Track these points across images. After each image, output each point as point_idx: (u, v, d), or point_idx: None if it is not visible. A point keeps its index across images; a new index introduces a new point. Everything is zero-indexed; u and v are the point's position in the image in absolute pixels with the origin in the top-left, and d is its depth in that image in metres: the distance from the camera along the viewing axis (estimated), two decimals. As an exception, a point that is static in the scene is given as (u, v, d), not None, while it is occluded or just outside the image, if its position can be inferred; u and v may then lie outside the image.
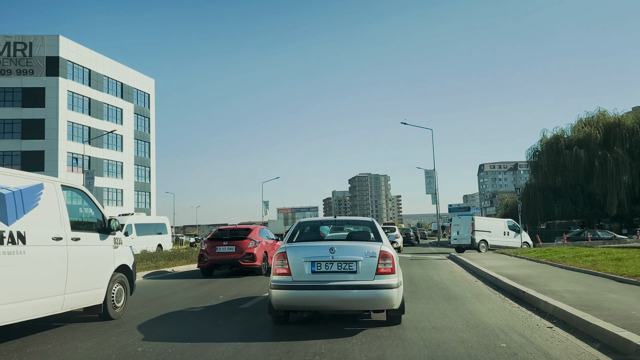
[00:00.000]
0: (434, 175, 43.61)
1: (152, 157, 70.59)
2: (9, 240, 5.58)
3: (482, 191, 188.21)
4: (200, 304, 9.12)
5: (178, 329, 6.85)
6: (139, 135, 68.20)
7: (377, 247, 6.45)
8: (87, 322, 7.36)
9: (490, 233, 27.54)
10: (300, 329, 6.67)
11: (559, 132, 42.54)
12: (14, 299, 5.59)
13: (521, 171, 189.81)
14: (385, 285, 6.21)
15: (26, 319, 5.93)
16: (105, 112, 62.57)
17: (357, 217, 8.77)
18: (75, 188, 7.27)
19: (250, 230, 15.65)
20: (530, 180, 45.10)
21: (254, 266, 14.59)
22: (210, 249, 14.87)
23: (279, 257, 6.49)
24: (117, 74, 64.71)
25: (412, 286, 10.93)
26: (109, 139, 62.68)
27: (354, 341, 5.81)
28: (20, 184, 6.06)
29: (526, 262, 15.83)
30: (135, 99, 68.09)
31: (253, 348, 5.57)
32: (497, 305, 8.40)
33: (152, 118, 71.34)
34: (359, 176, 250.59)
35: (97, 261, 7.29)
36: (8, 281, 5.52)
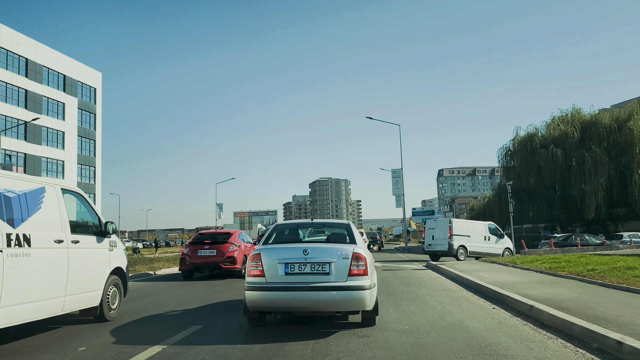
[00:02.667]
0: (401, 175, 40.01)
1: (98, 156, 64.91)
2: (15, 243, 5.63)
3: (441, 196, 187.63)
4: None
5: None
6: (84, 132, 62.53)
7: (350, 249, 6.44)
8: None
9: (470, 238, 24.08)
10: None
11: (532, 130, 39.74)
12: (19, 300, 5.65)
13: (479, 176, 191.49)
14: (358, 287, 6.21)
15: (29, 320, 5.97)
16: (45, 106, 56.68)
17: (334, 220, 8.97)
18: (74, 191, 7.31)
19: (231, 235, 16.02)
20: (502, 182, 42.00)
21: (234, 269, 14.98)
22: (192, 253, 15.17)
23: (253, 259, 6.50)
24: (59, 65, 59.01)
25: (406, 321, 7.19)
26: (48, 135, 56.79)
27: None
28: (24, 187, 6.15)
29: (542, 276, 12.14)
30: (80, 93, 62.46)
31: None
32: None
33: (98, 114, 65.70)
34: (320, 180, 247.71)
35: (95, 264, 7.35)
36: (15, 283, 5.55)
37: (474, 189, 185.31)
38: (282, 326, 6.98)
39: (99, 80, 66.52)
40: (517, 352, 5.20)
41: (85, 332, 6.80)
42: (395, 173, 40.85)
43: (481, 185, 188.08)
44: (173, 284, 14.06)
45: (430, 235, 24.65)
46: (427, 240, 24.94)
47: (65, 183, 7.34)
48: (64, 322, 7.55)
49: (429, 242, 24.75)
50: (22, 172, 47.21)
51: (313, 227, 8.39)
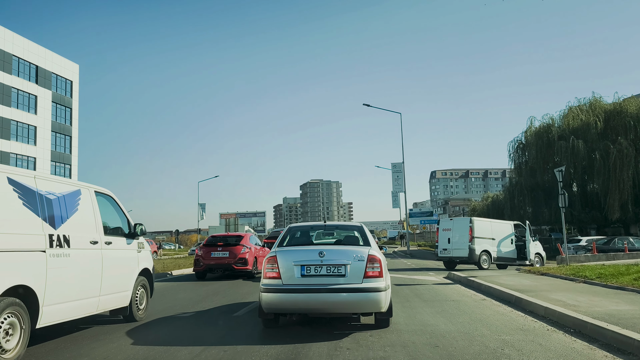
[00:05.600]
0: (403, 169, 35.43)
1: (74, 153, 60.06)
2: (56, 243, 5.79)
3: (433, 198, 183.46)
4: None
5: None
6: (58, 128, 57.66)
7: (365, 251, 6.49)
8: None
9: (494, 241, 19.68)
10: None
11: (548, 121, 35.29)
12: (60, 299, 5.79)
13: (472, 178, 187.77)
14: (373, 289, 6.23)
15: (68, 319, 6.15)
16: (15, 98, 51.88)
17: (347, 222, 9.13)
18: (105, 194, 7.50)
19: (242, 237, 16.72)
20: (513, 178, 37.71)
21: (245, 270, 15.66)
22: (205, 254, 15.83)
23: (269, 261, 6.54)
24: (31, 55, 54.15)
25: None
26: (17, 129, 51.95)
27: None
28: (63, 190, 6.29)
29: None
30: (54, 86, 57.63)
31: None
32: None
33: (74, 109, 60.79)
34: (311, 182, 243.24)
35: (125, 265, 7.52)
36: (57, 282, 5.71)
37: (467, 190, 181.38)
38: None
39: (76, 72, 61.62)
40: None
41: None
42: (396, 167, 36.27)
43: (474, 187, 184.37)
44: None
45: (446, 238, 20.20)
46: (441, 244, 20.47)
47: (98, 186, 7.47)
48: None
49: (443, 246, 20.29)
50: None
51: (326, 229, 8.52)
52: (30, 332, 5.36)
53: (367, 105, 34.58)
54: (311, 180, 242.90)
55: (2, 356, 4.92)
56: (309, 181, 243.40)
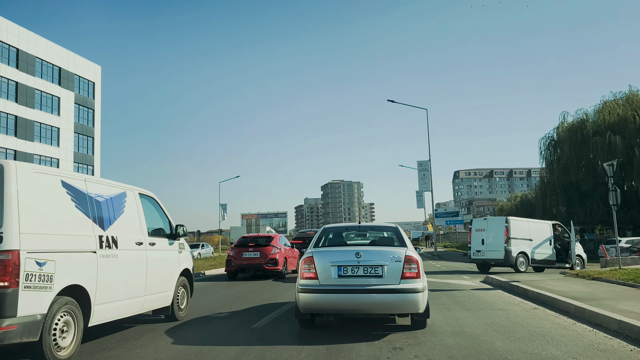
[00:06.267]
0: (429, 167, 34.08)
1: (97, 154, 60.16)
2: (106, 244, 6.01)
3: (457, 198, 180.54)
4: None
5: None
6: (81, 129, 57.83)
7: (402, 252, 6.51)
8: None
9: (532, 242, 18.44)
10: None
11: (582, 116, 33.76)
12: (110, 298, 6.01)
13: (497, 178, 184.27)
14: (411, 290, 6.24)
15: (116, 318, 6.37)
16: (38, 100, 52.08)
17: (381, 223, 9.02)
18: (149, 196, 7.68)
19: (272, 238, 16.96)
20: (545, 177, 36.13)
21: (276, 270, 16.00)
22: (237, 255, 16.26)
23: (306, 262, 6.61)
24: (54, 57, 54.40)
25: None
26: (41, 131, 52.12)
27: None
28: (110, 192, 6.48)
29: None
30: (77, 87, 57.82)
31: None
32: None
33: (97, 110, 60.98)
34: (332, 183, 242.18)
35: (167, 265, 7.69)
36: (106, 282, 5.91)
37: (491, 191, 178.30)
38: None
39: (98, 74, 61.86)
40: None
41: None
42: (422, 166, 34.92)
43: (499, 187, 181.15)
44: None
45: (479, 239, 19.04)
46: (474, 245, 19.32)
47: (142, 188, 7.58)
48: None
49: (477, 247, 19.14)
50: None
51: (360, 230, 8.63)
52: (83, 331, 5.58)
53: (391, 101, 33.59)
54: (332, 180, 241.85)
55: (58, 353, 5.09)
56: (330, 182, 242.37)
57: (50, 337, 5.04)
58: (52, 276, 5.08)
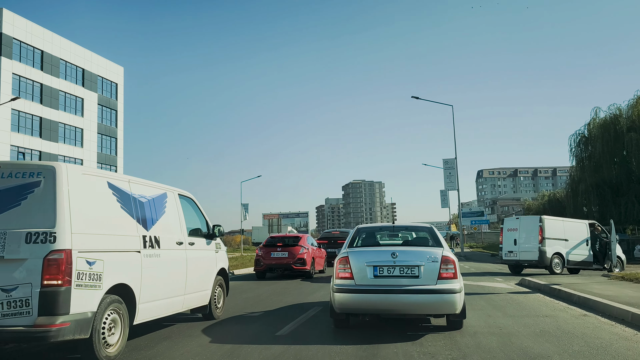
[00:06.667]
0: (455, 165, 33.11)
1: (120, 154, 60.61)
2: (149, 244, 6.16)
3: (480, 198, 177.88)
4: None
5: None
6: (104, 130, 58.31)
7: (439, 252, 6.50)
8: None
9: (568, 243, 17.56)
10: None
11: (615, 111, 32.57)
12: (153, 297, 6.16)
13: (521, 177, 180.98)
14: (448, 290, 6.21)
15: (159, 317, 6.55)
16: (62, 101, 52.63)
17: (416, 223, 8.87)
18: (187, 196, 7.82)
19: (300, 238, 17.13)
20: (575, 175, 34.93)
21: (304, 270, 16.13)
22: (265, 254, 16.35)
23: (341, 262, 6.63)
24: (78, 59, 54.94)
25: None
26: (65, 132, 52.56)
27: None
28: (152, 193, 6.64)
29: None
30: (100, 89, 58.28)
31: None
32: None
33: (120, 111, 61.51)
34: (353, 183, 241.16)
35: (205, 265, 7.84)
36: (149, 281, 6.06)
37: (515, 190, 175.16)
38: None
39: (121, 75, 62.36)
40: None
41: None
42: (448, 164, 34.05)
43: (523, 187, 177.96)
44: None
45: (511, 239, 18.22)
46: (505, 245, 18.48)
47: (181, 189, 7.74)
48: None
49: (509, 248, 18.31)
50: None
51: (395, 230, 8.58)
52: (129, 329, 5.69)
53: (416, 97, 32.79)
54: (353, 180, 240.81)
55: (106, 350, 5.20)
56: (351, 182, 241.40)
57: (100, 334, 5.15)
58: (101, 275, 5.21)
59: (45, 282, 4.66)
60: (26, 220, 4.83)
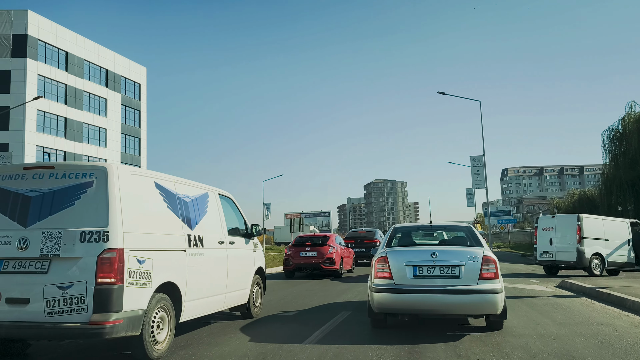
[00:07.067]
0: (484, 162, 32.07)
1: (143, 154, 61.10)
2: (193, 243, 6.27)
3: (505, 197, 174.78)
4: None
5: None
6: (127, 130, 58.65)
7: (479, 252, 6.49)
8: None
9: (607, 243, 16.61)
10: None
11: (650, 105, 31.05)
12: (197, 295, 6.27)
13: (547, 176, 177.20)
14: (490, 290, 6.20)
15: (203, 314, 6.69)
16: (86, 101, 53.10)
17: (454, 223, 8.89)
18: (227, 196, 7.99)
19: (328, 238, 17.08)
20: (609, 172, 33.60)
21: (333, 269, 16.12)
22: (294, 254, 16.44)
23: (379, 261, 6.64)
24: (101, 59, 55.34)
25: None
26: (89, 132, 52.89)
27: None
28: (195, 193, 6.77)
29: None
30: (123, 89, 58.62)
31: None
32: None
33: (142, 111, 61.90)
34: (375, 182, 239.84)
35: (244, 264, 7.96)
36: (194, 279, 6.16)
37: (541, 189, 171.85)
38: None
39: (144, 75, 62.73)
40: None
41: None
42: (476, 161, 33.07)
43: (549, 186, 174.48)
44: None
45: (547, 239, 17.34)
46: (540, 245, 17.61)
47: (220, 189, 7.85)
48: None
49: (544, 248, 17.43)
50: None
51: (432, 229, 8.43)
52: (175, 326, 5.80)
53: (442, 93, 31.98)
54: (375, 180, 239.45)
55: (155, 347, 5.29)
56: (373, 181, 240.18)
57: (149, 331, 5.25)
58: (151, 273, 5.31)
59: (99, 280, 4.76)
60: (80, 220, 4.94)
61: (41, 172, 5.23)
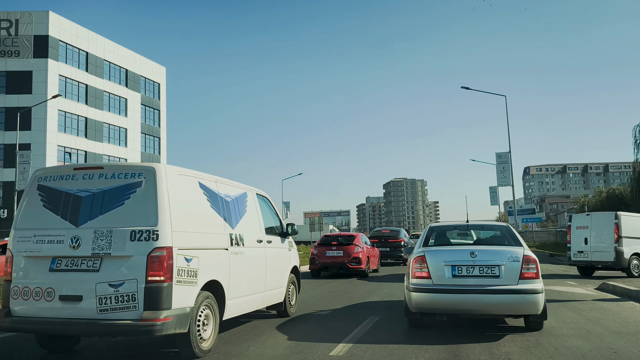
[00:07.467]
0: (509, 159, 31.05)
1: (163, 154, 61.29)
2: (235, 242, 6.37)
3: (527, 195, 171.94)
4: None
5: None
6: (147, 129, 58.89)
7: (519, 252, 6.44)
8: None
9: None
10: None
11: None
12: (239, 294, 6.39)
13: (570, 174, 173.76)
14: (531, 290, 6.16)
15: (244, 313, 6.80)
16: (106, 101, 53.42)
17: (492, 222, 8.95)
18: (263, 196, 8.05)
19: (354, 237, 16.95)
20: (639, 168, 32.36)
21: (359, 269, 16.03)
22: (321, 253, 16.43)
23: (417, 261, 6.61)
24: (121, 60, 55.62)
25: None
26: (110, 132, 53.07)
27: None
28: (235, 193, 6.87)
29: None
30: (143, 89, 58.87)
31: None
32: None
33: (162, 110, 62.15)
34: (394, 181, 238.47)
35: (281, 262, 8.03)
36: (236, 278, 6.28)
37: (564, 187, 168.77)
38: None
39: (163, 75, 62.99)
40: None
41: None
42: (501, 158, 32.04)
43: (573, 184, 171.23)
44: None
45: (581, 238, 16.48)
46: (575, 245, 16.74)
47: (257, 189, 7.92)
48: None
49: (578, 248, 16.56)
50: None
51: (469, 228, 8.36)
52: (219, 324, 5.88)
53: (466, 88, 31.04)
54: (395, 179, 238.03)
55: (201, 345, 5.36)
56: (393, 180, 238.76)
57: (196, 329, 5.31)
58: (197, 272, 5.39)
59: (149, 278, 4.86)
60: (130, 219, 5.05)
61: (91, 172, 5.35)
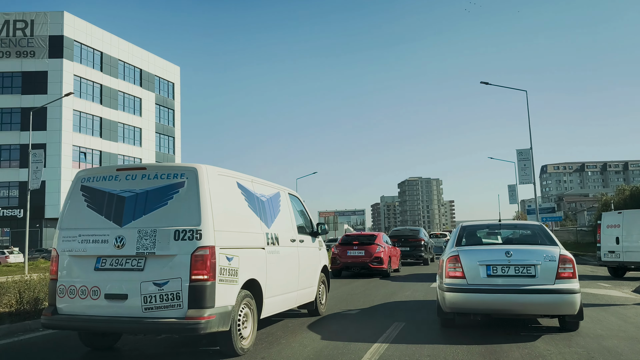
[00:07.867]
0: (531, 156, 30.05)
1: (177, 154, 61.44)
2: (271, 241, 6.44)
3: (545, 194, 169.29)
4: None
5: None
6: (162, 129, 59.00)
7: (555, 251, 6.41)
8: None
9: None
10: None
11: None
12: (275, 292, 6.44)
13: (589, 172, 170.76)
14: (567, 290, 6.13)
15: (280, 311, 6.86)
16: (121, 101, 53.50)
17: (525, 221, 9.51)
18: (294, 195, 8.14)
19: (376, 237, 16.91)
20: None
21: (381, 269, 15.92)
22: (342, 253, 16.35)
23: (451, 261, 6.59)
24: (135, 59, 55.78)
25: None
26: (124, 131, 53.04)
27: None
28: (269, 192, 6.96)
29: None
30: (157, 88, 59.10)
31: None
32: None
33: (177, 110, 62.27)
34: (409, 180, 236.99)
35: (312, 262, 8.12)
36: (272, 277, 6.33)
37: (582, 186, 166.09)
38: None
39: (177, 74, 63.06)
40: None
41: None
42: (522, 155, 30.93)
43: (591, 182, 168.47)
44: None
45: (613, 238, 15.69)
46: (605, 245, 15.97)
47: (289, 188, 8.00)
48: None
49: (609, 247, 15.79)
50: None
51: (502, 228, 8.24)
52: (257, 323, 5.96)
53: (485, 83, 30.09)
54: (410, 178, 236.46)
55: (241, 343, 5.43)
56: (408, 179, 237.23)
57: (236, 327, 5.38)
58: (237, 270, 5.45)
59: (193, 277, 4.91)
60: (173, 219, 5.11)
61: (134, 173, 5.41)
